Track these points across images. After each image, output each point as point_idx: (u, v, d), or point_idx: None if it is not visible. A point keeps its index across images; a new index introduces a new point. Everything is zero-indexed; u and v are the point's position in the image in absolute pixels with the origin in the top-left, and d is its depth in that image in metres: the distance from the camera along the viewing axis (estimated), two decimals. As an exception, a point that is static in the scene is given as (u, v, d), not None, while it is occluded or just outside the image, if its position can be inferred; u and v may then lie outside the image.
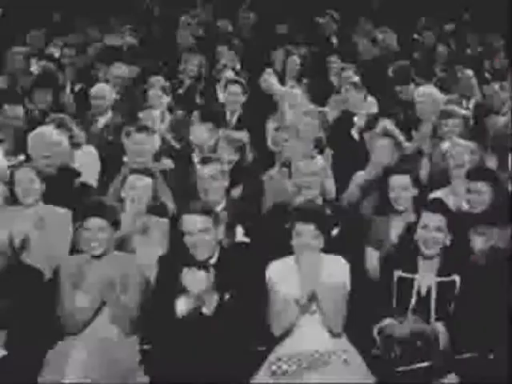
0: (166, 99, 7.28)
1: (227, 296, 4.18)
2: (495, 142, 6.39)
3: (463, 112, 6.43)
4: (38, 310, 4.34)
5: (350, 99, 7.08)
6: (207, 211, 4.31)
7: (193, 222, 4.24)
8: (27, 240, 4.85)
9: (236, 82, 7.24)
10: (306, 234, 4.28)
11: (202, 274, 4.14)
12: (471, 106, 7.53)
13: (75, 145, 6.10)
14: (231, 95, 7.07)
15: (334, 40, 9.75)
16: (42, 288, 4.43)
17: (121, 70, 7.95)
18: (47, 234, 4.96)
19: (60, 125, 6.06)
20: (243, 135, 6.17)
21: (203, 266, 4.20)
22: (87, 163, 6.09)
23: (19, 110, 6.70)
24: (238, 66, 8.77)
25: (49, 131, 5.80)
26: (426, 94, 6.80)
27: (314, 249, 4.29)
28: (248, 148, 5.95)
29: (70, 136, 6.01)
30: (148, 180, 5.03)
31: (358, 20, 10.18)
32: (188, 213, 4.28)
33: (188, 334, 4.15)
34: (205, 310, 4.15)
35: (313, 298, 4.24)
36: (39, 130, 5.83)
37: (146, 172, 5.08)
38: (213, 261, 4.28)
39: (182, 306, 4.17)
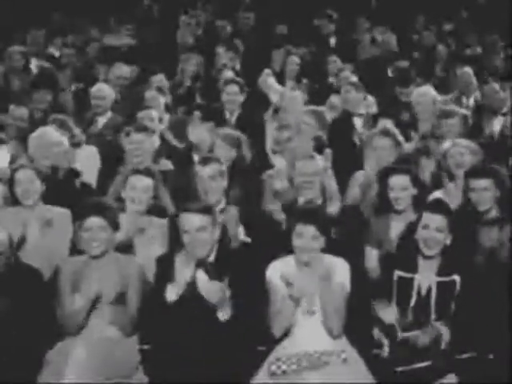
0: (163, 99, 7.29)
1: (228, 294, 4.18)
2: (495, 141, 6.41)
3: (462, 111, 6.43)
4: (38, 310, 4.33)
5: (350, 99, 7.08)
6: (205, 210, 4.30)
7: (191, 220, 4.24)
8: (23, 239, 4.85)
9: (233, 81, 7.25)
10: (306, 235, 4.27)
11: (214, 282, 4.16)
12: (471, 103, 7.54)
13: (75, 144, 6.11)
14: (229, 95, 7.07)
15: (333, 40, 9.76)
16: (41, 288, 4.43)
17: (122, 70, 7.96)
18: (47, 234, 4.96)
19: (61, 125, 6.07)
20: (239, 133, 6.17)
21: (205, 266, 4.22)
22: (88, 162, 6.10)
23: (24, 111, 6.71)
24: (238, 66, 8.78)
25: (49, 132, 5.81)
26: (424, 94, 6.83)
27: (315, 250, 4.29)
28: (245, 144, 5.94)
29: (70, 136, 6.02)
30: (148, 180, 5.02)
31: (356, 20, 10.18)
32: (186, 211, 4.28)
33: (188, 334, 4.14)
34: (221, 316, 4.14)
35: (313, 298, 4.24)
36: (40, 130, 5.84)
37: (147, 172, 5.07)
38: (211, 259, 4.28)
39: (171, 292, 4.16)
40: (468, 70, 7.82)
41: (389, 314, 4.20)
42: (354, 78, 7.82)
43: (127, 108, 7.32)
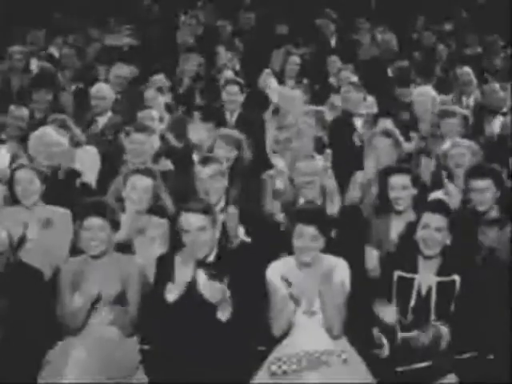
0: (163, 99, 7.29)
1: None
2: (495, 141, 6.42)
3: (462, 111, 6.44)
4: (38, 310, 4.33)
5: (350, 99, 7.09)
6: (206, 210, 4.30)
7: (191, 220, 4.23)
8: (23, 239, 4.85)
9: (234, 81, 7.26)
10: (306, 235, 4.27)
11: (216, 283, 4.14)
12: (471, 103, 7.55)
13: (77, 144, 6.12)
14: (229, 95, 7.09)
15: (334, 40, 9.76)
16: (42, 288, 4.43)
17: (122, 69, 7.96)
18: (47, 234, 4.96)
19: (61, 125, 6.08)
20: (240, 134, 6.17)
21: (207, 267, 4.22)
22: (88, 162, 6.10)
23: (24, 111, 6.71)
24: (238, 67, 8.78)
25: (49, 132, 5.81)
26: (423, 94, 6.85)
27: (315, 250, 4.29)
28: (245, 145, 5.94)
29: (70, 136, 6.02)
30: (149, 180, 5.02)
31: (357, 20, 10.19)
32: (187, 211, 4.28)
33: (188, 334, 4.14)
34: (220, 316, 4.14)
35: (313, 298, 4.24)
36: (40, 130, 5.84)
37: (147, 172, 5.07)
38: (211, 259, 4.28)
39: (171, 292, 4.15)
40: (468, 69, 7.82)
41: (389, 314, 4.20)
42: (354, 78, 7.82)
43: (127, 108, 7.33)
